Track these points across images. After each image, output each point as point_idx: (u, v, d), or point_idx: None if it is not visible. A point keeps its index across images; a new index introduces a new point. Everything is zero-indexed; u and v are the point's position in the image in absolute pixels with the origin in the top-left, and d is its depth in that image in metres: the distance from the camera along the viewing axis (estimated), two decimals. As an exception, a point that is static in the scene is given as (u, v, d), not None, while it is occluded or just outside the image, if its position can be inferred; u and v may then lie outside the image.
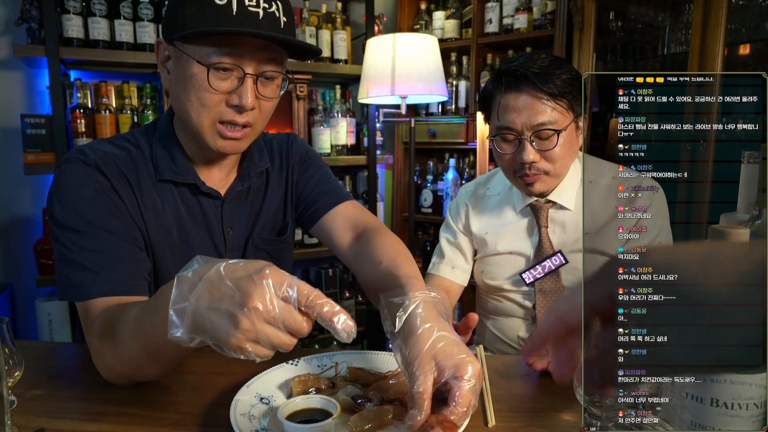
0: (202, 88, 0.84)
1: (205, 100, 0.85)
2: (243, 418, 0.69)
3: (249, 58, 0.84)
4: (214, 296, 0.58)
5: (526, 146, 1.12)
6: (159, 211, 0.94)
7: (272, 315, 0.57)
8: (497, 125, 1.16)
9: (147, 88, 2.18)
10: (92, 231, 0.85)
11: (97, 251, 0.84)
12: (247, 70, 0.84)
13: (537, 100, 1.10)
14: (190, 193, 0.97)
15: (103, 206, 0.87)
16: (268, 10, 0.82)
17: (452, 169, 2.78)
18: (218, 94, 0.84)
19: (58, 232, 0.86)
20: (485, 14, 2.62)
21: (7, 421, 0.59)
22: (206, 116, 0.86)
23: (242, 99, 0.84)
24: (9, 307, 2.12)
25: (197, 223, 0.98)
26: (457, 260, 1.33)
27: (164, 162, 0.94)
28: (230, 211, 1.01)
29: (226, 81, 0.84)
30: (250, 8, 0.81)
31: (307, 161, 1.12)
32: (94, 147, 0.93)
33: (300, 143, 1.14)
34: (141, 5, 2.06)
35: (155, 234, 0.94)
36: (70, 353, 1.03)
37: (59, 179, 0.88)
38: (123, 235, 0.88)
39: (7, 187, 2.17)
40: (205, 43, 0.82)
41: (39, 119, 1.95)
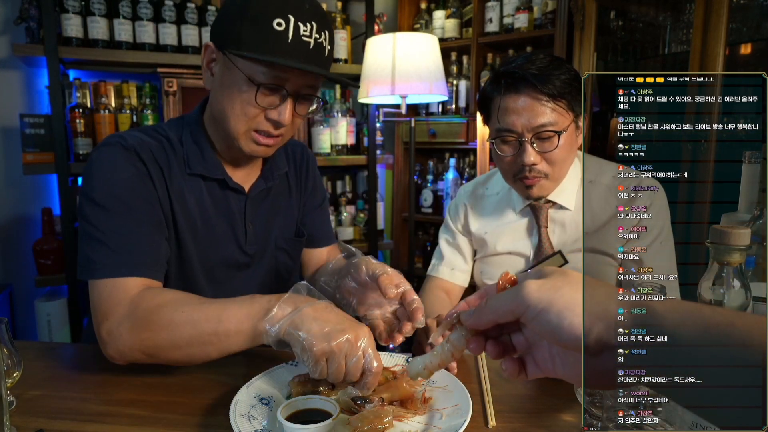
0: (247, 101, 0.90)
1: (247, 111, 0.91)
2: (243, 418, 0.69)
3: (293, 82, 0.91)
4: (322, 315, 0.74)
5: (527, 148, 1.11)
6: (186, 200, 0.98)
7: (353, 355, 0.72)
8: (497, 127, 1.15)
9: (146, 88, 2.18)
10: (124, 213, 0.89)
11: (124, 233, 0.88)
12: (290, 90, 0.91)
13: (537, 102, 1.10)
14: (218, 187, 1.02)
15: (138, 191, 0.91)
16: (318, 40, 0.89)
17: (452, 169, 2.78)
18: (260, 109, 0.91)
19: (88, 209, 0.89)
20: (485, 13, 2.62)
21: (6, 422, 0.59)
22: (244, 124, 0.93)
23: (281, 116, 0.92)
24: (8, 308, 2.12)
25: (221, 215, 1.03)
26: (456, 261, 1.32)
27: (194, 157, 0.99)
28: (252, 208, 1.06)
29: (268, 97, 0.91)
30: (304, 38, 0.87)
31: (315, 184, 1.21)
32: (130, 134, 0.97)
33: (313, 160, 1.23)
34: (140, 5, 2.05)
35: (181, 222, 0.97)
36: (69, 354, 1.03)
37: (98, 160, 0.92)
38: (151, 221, 0.92)
39: (6, 187, 2.17)
40: (257, 62, 0.88)
41: (38, 119, 1.95)
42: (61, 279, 2.05)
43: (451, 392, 0.77)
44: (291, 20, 0.86)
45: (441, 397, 0.76)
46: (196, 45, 2.16)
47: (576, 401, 0.75)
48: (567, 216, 1.21)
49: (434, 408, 0.74)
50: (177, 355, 0.81)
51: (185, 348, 0.80)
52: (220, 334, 0.78)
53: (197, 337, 0.79)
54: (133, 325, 0.81)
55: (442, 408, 0.74)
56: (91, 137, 2.04)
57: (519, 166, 1.14)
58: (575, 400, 0.75)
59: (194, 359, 0.82)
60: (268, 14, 0.86)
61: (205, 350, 0.80)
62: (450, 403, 0.74)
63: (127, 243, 0.88)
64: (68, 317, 2.08)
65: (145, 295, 0.84)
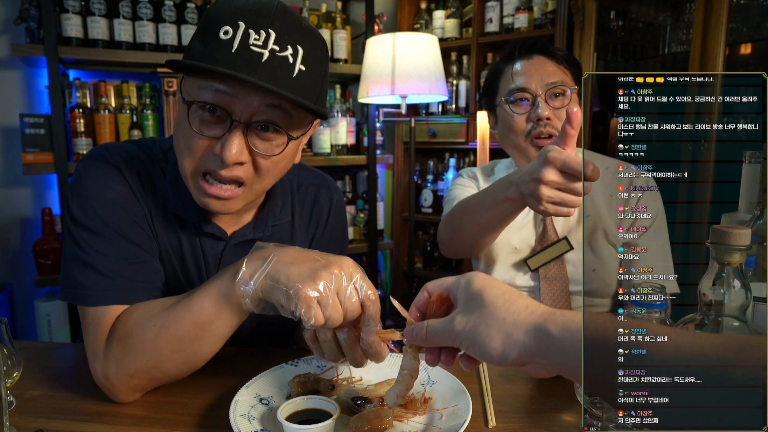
0: (186, 129, 0.75)
1: (190, 144, 0.75)
2: (242, 418, 0.69)
3: (241, 105, 0.72)
4: (296, 257, 0.67)
5: (540, 103, 1.16)
6: (168, 227, 0.89)
7: (343, 289, 0.65)
8: (510, 88, 1.20)
9: (146, 88, 2.18)
10: (110, 234, 0.81)
11: (112, 256, 0.80)
12: (236, 116, 0.73)
13: (549, 61, 1.18)
14: (194, 229, 0.89)
15: (123, 211, 0.83)
16: (277, 53, 0.71)
17: (452, 169, 2.78)
18: (202, 138, 0.74)
19: (74, 230, 0.81)
20: (485, 13, 2.62)
21: (5, 422, 0.59)
22: (189, 163, 0.77)
23: (224, 150, 0.72)
24: (8, 308, 2.12)
25: (193, 258, 0.91)
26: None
27: (172, 195, 0.87)
28: (233, 256, 0.91)
29: (214, 126, 0.74)
30: (253, 48, 0.70)
31: (334, 233, 1.04)
32: (118, 148, 0.88)
33: (339, 204, 1.05)
34: (140, 4, 2.05)
35: (165, 245, 0.89)
36: (69, 353, 1.03)
37: (81, 176, 0.84)
38: (140, 242, 0.84)
39: (6, 187, 2.17)
40: (198, 79, 0.73)
41: (38, 119, 1.95)
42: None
43: (451, 392, 0.77)
44: (240, 27, 0.70)
45: (441, 397, 0.76)
46: (196, 45, 2.16)
47: (576, 401, 0.75)
48: None
49: (434, 408, 0.74)
50: (172, 367, 0.76)
51: (175, 357, 0.74)
52: (203, 324, 0.72)
53: (180, 341, 0.73)
54: (117, 363, 0.75)
55: (442, 408, 0.74)
56: (91, 137, 2.04)
57: (533, 122, 1.17)
58: (575, 400, 0.75)
59: (193, 362, 0.77)
60: (216, 23, 0.72)
61: (198, 348, 0.74)
62: (450, 403, 0.74)
63: (115, 267, 0.80)
64: (68, 317, 2.08)
65: (117, 323, 0.77)
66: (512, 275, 1.23)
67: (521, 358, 0.54)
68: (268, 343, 1.03)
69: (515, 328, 0.54)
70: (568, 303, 1.18)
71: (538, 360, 0.54)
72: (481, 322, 0.56)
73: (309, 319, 0.63)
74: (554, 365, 0.54)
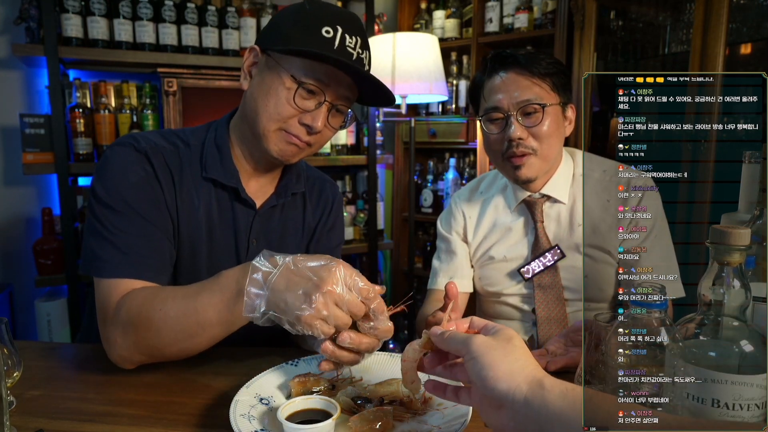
0: (284, 100, 0.91)
1: (281, 111, 0.91)
2: (243, 418, 0.69)
3: (333, 89, 0.92)
4: (291, 281, 0.72)
5: (513, 123, 1.14)
6: (194, 207, 0.98)
7: (341, 298, 0.70)
8: (485, 107, 1.19)
9: (146, 88, 2.18)
10: (130, 214, 0.90)
11: (131, 234, 0.89)
12: (328, 98, 0.92)
13: (521, 78, 1.14)
14: (228, 197, 1.01)
15: (145, 193, 0.92)
16: (360, 55, 0.92)
17: (452, 169, 2.78)
18: (296, 110, 0.91)
19: (96, 207, 0.90)
20: (485, 13, 2.62)
21: (6, 422, 0.59)
22: (275, 123, 0.92)
23: (315, 121, 0.92)
24: (8, 308, 2.12)
25: (226, 227, 1.01)
26: (455, 269, 1.31)
27: (212, 161, 0.99)
28: (260, 224, 1.04)
29: (306, 100, 0.92)
30: (349, 48, 0.90)
31: (335, 225, 1.18)
32: (145, 136, 0.98)
33: (339, 201, 1.21)
34: (140, 4, 2.05)
35: (185, 229, 0.97)
36: (69, 354, 1.03)
37: (108, 159, 0.93)
38: (157, 224, 0.92)
39: (6, 187, 2.17)
40: (302, 60, 0.89)
41: (38, 119, 1.95)
42: (61, 279, 2.05)
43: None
44: (339, 30, 0.89)
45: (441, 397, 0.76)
46: (196, 45, 2.16)
47: (576, 401, 0.75)
48: (562, 210, 1.22)
49: (434, 408, 0.74)
50: (171, 351, 0.83)
51: (175, 344, 0.81)
52: (204, 325, 0.78)
53: (181, 332, 0.79)
54: (123, 330, 0.82)
55: (442, 408, 0.74)
56: (91, 137, 2.04)
57: (506, 142, 1.16)
58: (575, 400, 0.75)
59: (190, 352, 0.83)
60: (318, 22, 0.89)
61: (196, 342, 0.81)
62: (450, 403, 0.74)
63: (133, 244, 0.88)
64: (68, 317, 2.08)
65: (129, 297, 0.84)
66: (510, 292, 1.24)
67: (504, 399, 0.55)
68: (267, 341, 1.04)
69: (522, 369, 0.56)
70: (563, 309, 1.18)
71: (518, 409, 0.55)
72: (498, 347, 0.58)
73: (318, 335, 0.71)
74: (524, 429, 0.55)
